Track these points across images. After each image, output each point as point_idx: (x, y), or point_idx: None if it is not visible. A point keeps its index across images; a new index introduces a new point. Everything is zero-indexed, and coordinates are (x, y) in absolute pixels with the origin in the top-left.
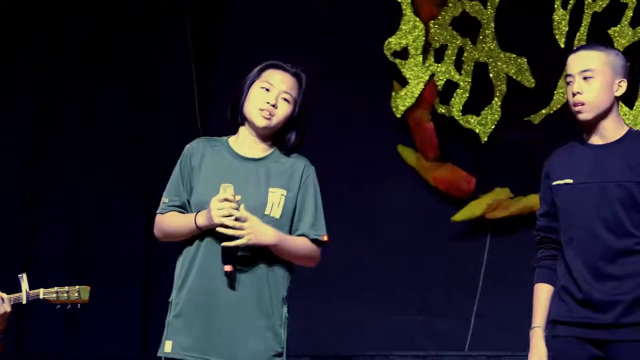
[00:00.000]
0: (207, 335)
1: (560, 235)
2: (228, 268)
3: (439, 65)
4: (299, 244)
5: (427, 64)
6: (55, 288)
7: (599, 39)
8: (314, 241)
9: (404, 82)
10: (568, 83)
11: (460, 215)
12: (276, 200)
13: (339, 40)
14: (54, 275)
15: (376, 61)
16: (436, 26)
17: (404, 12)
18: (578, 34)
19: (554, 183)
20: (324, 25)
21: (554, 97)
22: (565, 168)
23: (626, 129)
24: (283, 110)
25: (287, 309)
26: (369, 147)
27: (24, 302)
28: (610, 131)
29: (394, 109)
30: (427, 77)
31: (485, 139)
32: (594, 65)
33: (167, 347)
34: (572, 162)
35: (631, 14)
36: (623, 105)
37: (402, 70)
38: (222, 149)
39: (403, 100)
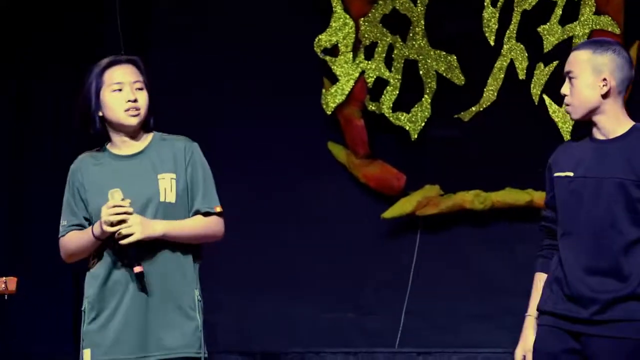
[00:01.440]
0: (125, 335)
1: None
2: (138, 269)
3: (369, 62)
4: (192, 223)
5: (357, 61)
6: None
7: (528, 36)
8: (208, 214)
9: (334, 79)
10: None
11: (390, 212)
12: (167, 185)
13: (269, 36)
14: None
15: (306, 58)
16: (366, 23)
17: (334, 9)
18: (508, 31)
19: (555, 174)
20: (254, 21)
21: (484, 95)
22: (568, 161)
23: (630, 124)
24: (143, 99)
25: (199, 292)
26: (299, 144)
27: None
28: (608, 128)
29: (324, 106)
30: (357, 74)
31: (416, 136)
32: (575, 65)
33: (86, 356)
34: (576, 155)
35: (560, 12)
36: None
37: (332, 67)
38: (103, 157)
39: (333, 97)
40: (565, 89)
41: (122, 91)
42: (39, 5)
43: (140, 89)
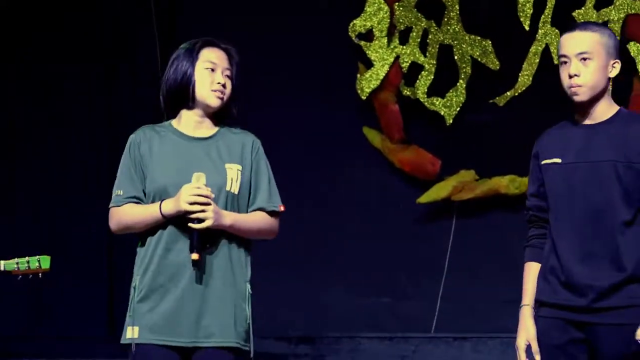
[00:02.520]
0: (176, 319)
1: (548, 214)
2: (195, 256)
3: (404, 47)
4: (255, 219)
5: (392, 46)
6: (16, 259)
7: (563, 21)
8: (271, 213)
9: (369, 64)
10: (562, 63)
11: (425, 197)
12: (234, 176)
13: (304, 22)
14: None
15: (341, 43)
16: (401, 8)
17: None
18: (542, 16)
19: (542, 162)
20: (288, 7)
21: (519, 80)
22: (554, 147)
23: (616, 109)
24: (229, 88)
25: (250, 286)
26: (334, 129)
27: None
28: (600, 112)
29: (359, 91)
30: (392, 59)
31: (451, 121)
32: (591, 47)
33: (133, 332)
34: (562, 141)
35: None
36: None
37: (367, 52)
38: (168, 133)
39: (368, 83)
40: (576, 69)
41: (214, 72)
42: (41, 5)
43: (229, 76)
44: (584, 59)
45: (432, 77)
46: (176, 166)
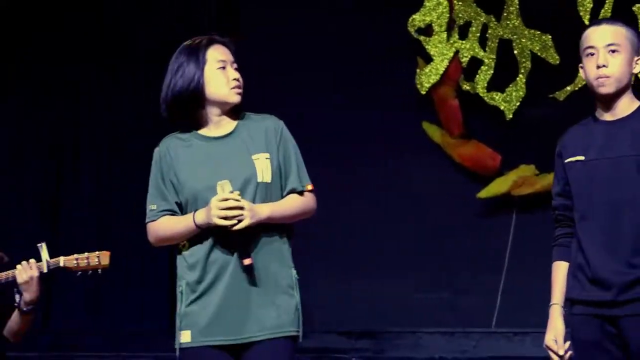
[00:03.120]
0: (225, 317)
1: (574, 212)
2: (247, 261)
3: (463, 42)
4: (290, 203)
5: (451, 41)
6: (75, 255)
7: (623, 16)
8: (303, 192)
9: (428, 59)
10: (588, 55)
11: (486, 192)
12: (264, 165)
13: (363, 17)
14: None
15: (400, 38)
16: (460, 3)
17: None
18: (602, 10)
19: (566, 160)
20: (348, 2)
21: (579, 74)
22: (577, 145)
23: (637, 104)
24: (241, 79)
25: (295, 271)
26: (394, 124)
27: (45, 270)
28: (622, 107)
29: (418, 86)
30: (451, 54)
31: (510, 116)
32: (620, 39)
33: (185, 336)
34: (584, 139)
35: None
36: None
37: (426, 47)
38: (191, 139)
39: (428, 77)
40: (604, 60)
41: (225, 69)
42: (42, 4)
43: (237, 69)
44: (613, 50)
45: (492, 71)
46: (205, 169)
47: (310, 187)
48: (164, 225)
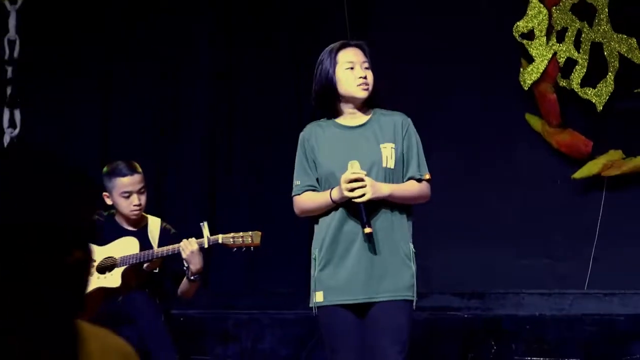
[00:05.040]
0: (353, 280)
1: None
2: (368, 230)
3: (561, 45)
4: (409, 187)
5: (550, 44)
6: (232, 234)
7: None
8: (420, 180)
9: (530, 60)
10: None
11: (580, 174)
12: (389, 153)
13: (476, 24)
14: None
15: (507, 42)
16: (558, 11)
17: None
18: None
19: None
20: (462, 11)
21: None
22: None
23: None
24: (370, 77)
25: (412, 245)
26: (501, 115)
27: (206, 246)
28: None
29: (522, 83)
30: (550, 55)
31: (601, 108)
32: None
33: (319, 297)
34: None
35: None
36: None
37: (528, 49)
38: (329, 127)
39: (530, 75)
40: None
41: (353, 69)
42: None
43: (367, 68)
44: None
45: (585, 70)
46: (339, 153)
47: (427, 176)
48: (306, 199)
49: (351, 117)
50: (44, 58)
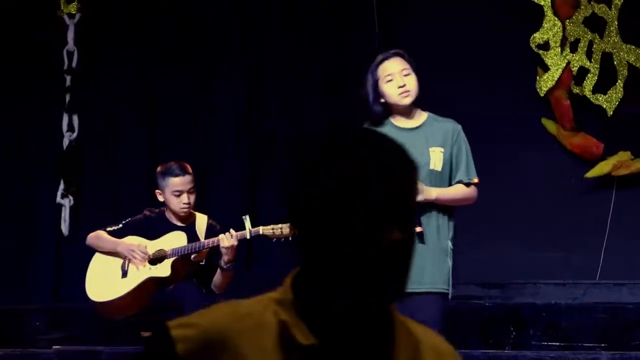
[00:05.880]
0: None
1: None
2: (418, 229)
3: (574, 55)
4: (455, 191)
5: (564, 54)
6: (272, 225)
7: None
8: (468, 184)
9: (546, 69)
10: None
11: (592, 173)
12: (437, 157)
13: (496, 37)
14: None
15: (524, 52)
16: (571, 24)
17: (545, 13)
18: None
19: None
20: (482, 25)
21: None
22: None
23: None
24: (411, 83)
25: (452, 243)
26: (519, 119)
27: (248, 237)
28: None
29: (538, 90)
30: (564, 64)
31: (611, 113)
32: None
33: None
34: None
35: None
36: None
37: (544, 59)
38: (385, 128)
39: (545, 83)
40: None
41: (392, 80)
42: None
43: (408, 74)
44: None
45: (596, 78)
46: None
47: (475, 180)
48: None
49: (405, 119)
50: (98, 68)
